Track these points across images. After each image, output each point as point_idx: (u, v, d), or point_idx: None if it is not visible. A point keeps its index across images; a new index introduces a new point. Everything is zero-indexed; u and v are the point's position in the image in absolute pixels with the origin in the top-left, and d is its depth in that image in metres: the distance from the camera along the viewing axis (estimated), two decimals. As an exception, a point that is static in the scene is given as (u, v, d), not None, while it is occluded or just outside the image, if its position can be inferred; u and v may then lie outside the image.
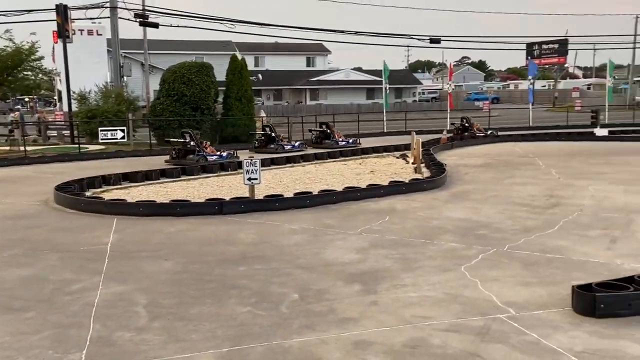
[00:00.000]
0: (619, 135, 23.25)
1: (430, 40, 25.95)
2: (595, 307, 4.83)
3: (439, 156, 16.86)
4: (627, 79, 57.10)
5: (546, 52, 54.10)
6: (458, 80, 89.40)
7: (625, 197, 10.20)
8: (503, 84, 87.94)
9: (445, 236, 7.81)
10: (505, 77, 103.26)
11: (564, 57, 55.48)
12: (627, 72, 57.93)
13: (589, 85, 68.57)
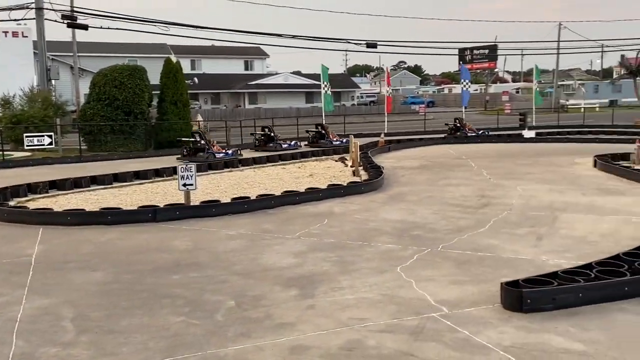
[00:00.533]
0: (545, 136, 24.39)
1: (367, 45, 26.35)
2: (522, 303, 5.02)
3: (377, 159, 17.12)
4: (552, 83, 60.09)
5: (477, 57, 56.14)
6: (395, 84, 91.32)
7: (550, 196, 10.69)
8: (438, 88, 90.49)
9: (382, 238, 7.91)
10: (440, 82, 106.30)
11: (494, 62, 57.75)
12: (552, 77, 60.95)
13: (517, 89, 71.66)
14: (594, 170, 14.04)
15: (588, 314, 4.97)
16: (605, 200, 10.16)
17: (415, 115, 43.24)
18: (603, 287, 5.22)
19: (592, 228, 8.17)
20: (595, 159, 14.55)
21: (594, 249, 7.02)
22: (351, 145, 14.73)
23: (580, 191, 11.10)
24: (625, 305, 5.12)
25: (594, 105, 53.31)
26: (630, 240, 7.30)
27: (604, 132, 25.35)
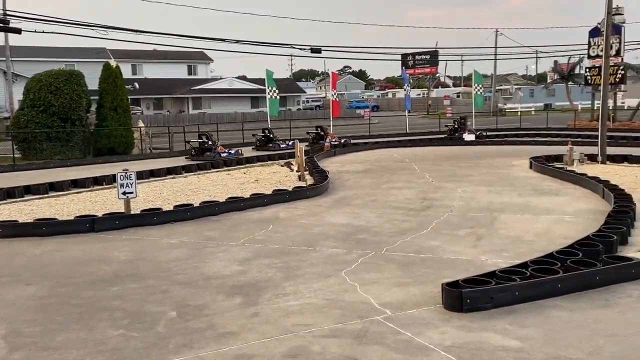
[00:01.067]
0: (484, 139, 25.18)
1: (311, 50, 26.34)
2: (462, 303, 5.14)
3: (323, 163, 17.20)
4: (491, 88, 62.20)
5: (419, 62, 57.38)
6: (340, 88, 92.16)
7: (489, 197, 11.04)
8: (382, 93, 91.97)
9: (327, 242, 7.94)
10: (384, 86, 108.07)
11: (435, 67, 59.19)
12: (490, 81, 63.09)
13: (458, 94, 73.84)
14: (530, 171, 14.60)
15: (524, 311, 5.14)
16: (540, 200, 10.58)
17: (361, 120, 43.75)
18: (538, 285, 5.42)
19: (527, 228, 8.48)
20: (531, 161, 15.14)
21: (530, 248, 7.28)
22: (297, 150, 14.73)
23: (517, 192, 11.51)
24: (559, 302, 5.33)
25: (530, 108, 55.54)
26: (562, 238, 7.63)
27: (539, 135, 26.44)
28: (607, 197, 10.03)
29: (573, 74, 41.01)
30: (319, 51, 25.76)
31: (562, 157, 15.99)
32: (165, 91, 54.37)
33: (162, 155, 21.15)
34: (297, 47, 23.68)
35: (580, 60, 39.20)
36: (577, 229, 8.23)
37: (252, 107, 55.75)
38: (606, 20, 15.94)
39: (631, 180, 12.45)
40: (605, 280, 5.70)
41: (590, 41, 31.36)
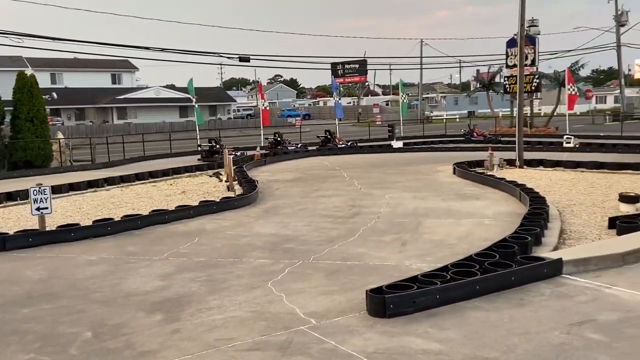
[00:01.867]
0: (412, 146, 25.87)
1: (240, 58, 26.22)
2: (386, 308, 5.20)
3: (253, 172, 17.06)
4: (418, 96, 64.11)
5: (349, 71, 58.26)
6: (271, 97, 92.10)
7: (415, 203, 11.31)
8: (313, 101, 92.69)
9: (254, 253, 7.84)
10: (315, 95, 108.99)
11: (364, 76, 60.31)
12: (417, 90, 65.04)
13: (387, 102, 75.58)
14: (453, 177, 15.10)
15: (445, 313, 5.27)
16: (462, 204, 10.94)
17: (292, 128, 43.86)
18: (457, 287, 5.57)
19: (450, 231, 8.74)
20: (455, 167, 15.67)
21: (452, 251, 7.49)
22: (225, 160, 14.52)
23: (441, 197, 11.86)
24: (478, 303, 5.50)
25: (455, 116, 57.72)
26: (482, 241, 7.90)
27: (463, 142, 27.44)
28: (523, 200, 10.50)
29: (493, 82, 42.89)
30: (248, 60, 25.69)
31: (484, 162, 16.66)
32: (88, 101, 52.31)
33: (83, 167, 20.26)
34: (225, 55, 23.43)
35: (500, 69, 41.12)
36: (495, 231, 8.55)
37: (180, 116, 54.64)
38: (519, 32, 16.80)
39: (546, 184, 13.14)
40: (520, 280, 5.93)
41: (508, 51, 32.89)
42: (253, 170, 18.15)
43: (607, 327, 4.79)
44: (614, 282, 5.92)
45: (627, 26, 48.53)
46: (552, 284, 5.97)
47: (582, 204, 10.58)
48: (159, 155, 23.89)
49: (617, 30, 48.50)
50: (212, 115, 58.10)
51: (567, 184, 13.04)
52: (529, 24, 42.54)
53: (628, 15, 48.37)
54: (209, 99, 58.20)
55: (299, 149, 23.79)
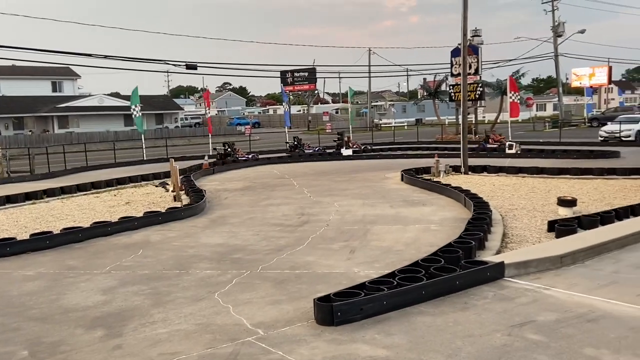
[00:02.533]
0: (361, 154, 26.13)
1: (187, 66, 25.80)
2: (333, 316, 5.19)
3: (200, 182, 16.80)
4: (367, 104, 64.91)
5: (298, 79, 58.45)
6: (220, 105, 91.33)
7: (364, 210, 11.40)
8: (263, 109, 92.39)
9: (201, 264, 7.69)
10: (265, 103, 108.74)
11: (313, 84, 60.62)
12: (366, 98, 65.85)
13: (337, 110, 76.16)
14: (401, 183, 15.33)
15: (392, 319, 5.30)
16: (409, 211, 11.11)
17: (242, 136, 43.55)
18: (404, 293, 5.63)
19: (398, 238, 8.84)
20: (402, 174, 15.92)
21: (399, 257, 7.58)
22: (171, 169, 14.23)
23: (389, 204, 12.00)
24: (424, 308, 5.57)
25: (403, 124, 58.76)
26: (429, 246, 8.03)
27: (411, 149, 27.95)
28: (468, 206, 10.76)
29: (439, 90, 43.98)
30: (195, 67, 25.30)
31: (430, 169, 17.00)
32: (27, 109, 50.30)
33: (22, 179, 19.42)
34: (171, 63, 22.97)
35: (445, 78, 42.21)
36: (441, 236, 8.72)
37: (125, 125, 53.28)
38: (462, 42, 17.28)
39: (489, 189, 13.52)
40: (465, 284, 6.06)
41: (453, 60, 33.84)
42: (201, 179, 17.88)
43: (546, 327, 4.94)
44: (552, 283, 6.13)
45: (564, 37, 50.88)
46: (495, 286, 6.12)
47: (523, 208, 10.93)
48: (103, 165, 23.22)
49: (555, 40, 50.73)
50: (159, 124, 56.99)
51: (509, 189, 13.46)
52: (473, 34, 43.98)
53: (564, 27, 50.72)
54: (155, 107, 57.11)
55: (316, 151, 26.15)
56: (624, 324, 4.94)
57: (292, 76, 57.77)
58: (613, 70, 58.49)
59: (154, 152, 28.49)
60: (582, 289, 5.92)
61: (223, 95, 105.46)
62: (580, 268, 6.74)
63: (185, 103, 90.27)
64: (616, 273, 6.48)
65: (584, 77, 56.75)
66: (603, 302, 5.52)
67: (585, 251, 7.10)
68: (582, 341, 4.63)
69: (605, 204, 10.87)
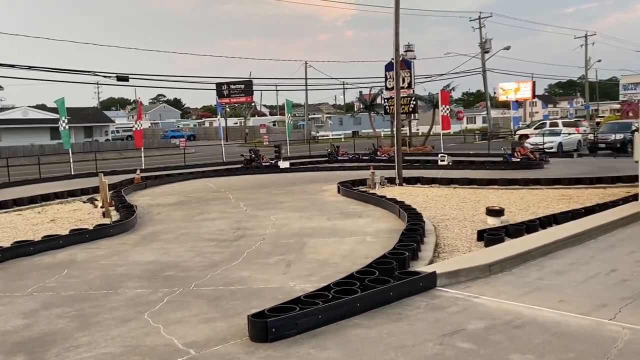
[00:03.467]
0: (299, 166, 26.19)
1: (118, 77, 25.12)
2: (268, 333, 5.11)
3: (132, 197, 16.27)
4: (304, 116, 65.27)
5: (234, 91, 58.06)
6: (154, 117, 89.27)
7: (300, 223, 11.38)
8: (199, 122, 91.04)
9: (130, 283, 7.41)
10: (201, 115, 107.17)
11: (250, 96, 60.40)
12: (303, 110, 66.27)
13: (274, 122, 76.16)
14: (338, 196, 15.44)
15: (327, 333, 5.29)
16: (345, 223, 11.19)
17: (176, 149, 42.67)
18: (338, 306, 5.63)
19: (334, 250, 8.87)
20: (339, 186, 16.04)
21: (335, 270, 7.59)
22: (100, 184, 13.70)
23: (326, 216, 12.05)
24: (358, 320, 5.59)
25: (340, 136, 59.46)
26: (364, 258, 8.10)
27: (348, 160, 28.24)
28: (402, 217, 10.96)
29: (375, 103, 44.83)
30: (126, 79, 24.70)
31: (366, 180, 17.24)
32: (-56, 122, 47.31)
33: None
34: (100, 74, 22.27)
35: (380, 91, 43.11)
36: (376, 248, 8.82)
37: (52, 138, 50.98)
38: (395, 57, 17.71)
39: (423, 200, 13.85)
40: (398, 294, 6.14)
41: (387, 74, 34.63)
42: (133, 194, 17.33)
43: (476, 335, 5.07)
44: (481, 291, 6.32)
45: (491, 52, 53.24)
46: (428, 296, 6.24)
47: (454, 218, 11.25)
48: (27, 180, 22.08)
49: (482, 56, 52.99)
50: (88, 137, 54.97)
51: (441, 200, 13.84)
52: (406, 49, 45.29)
53: (491, 43, 53.10)
54: (85, 119, 55.10)
55: (350, 159, 27.66)
56: (547, 330, 5.15)
57: (228, 88, 57.34)
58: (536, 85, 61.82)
59: (83, 167, 27.41)
60: (509, 296, 6.14)
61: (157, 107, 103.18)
62: (508, 276, 6.99)
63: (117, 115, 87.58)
64: (540, 280, 6.77)
65: (510, 91, 59.56)
66: (528, 308, 5.74)
67: (512, 259, 7.38)
68: (509, 347, 4.78)
69: (530, 213, 11.36)
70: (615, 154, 25.54)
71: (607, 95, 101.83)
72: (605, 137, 28.32)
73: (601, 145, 27.94)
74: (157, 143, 53.10)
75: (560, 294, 6.15)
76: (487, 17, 52.82)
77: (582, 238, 8.70)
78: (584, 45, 64.89)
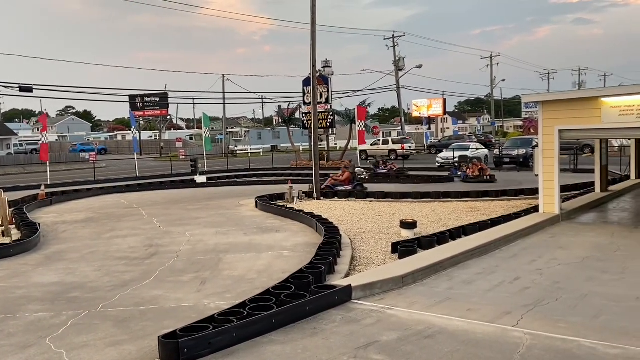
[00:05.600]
0: (216, 181, 25.73)
1: (20, 88, 23.64)
2: (180, 354, 4.93)
3: (35, 214, 15.30)
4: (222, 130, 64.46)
5: (149, 104, 56.39)
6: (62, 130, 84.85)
7: (217, 239, 11.16)
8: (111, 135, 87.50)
9: (31, 306, 6.93)
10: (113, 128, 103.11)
11: (165, 109, 58.88)
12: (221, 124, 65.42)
13: (191, 136, 74.56)
14: (256, 210, 15.30)
15: (241, 351, 5.18)
16: (262, 238, 11.10)
17: (86, 164, 40.71)
18: (253, 323, 5.54)
19: (250, 266, 8.76)
20: (257, 200, 15.91)
21: (251, 286, 7.49)
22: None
23: (243, 231, 11.89)
24: (274, 336, 5.53)
25: (259, 150, 59.16)
26: (281, 273, 8.06)
27: (266, 175, 28.13)
28: (319, 231, 11.03)
29: (293, 118, 45.11)
30: (30, 90, 23.32)
31: (284, 195, 17.23)
32: None
33: None
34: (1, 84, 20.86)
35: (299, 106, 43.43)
36: (294, 262, 8.80)
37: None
38: (312, 73, 17.94)
39: (340, 214, 14.02)
40: (315, 309, 6.14)
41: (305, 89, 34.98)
42: (36, 211, 16.29)
43: (389, 346, 5.16)
44: (395, 303, 6.46)
45: (405, 70, 55.26)
46: (343, 309, 6.29)
47: (370, 231, 11.48)
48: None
49: (397, 73, 54.88)
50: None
51: (358, 213, 14.08)
52: (323, 64, 46.03)
53: (404, 61, 55.14)
54: (-15, 131, 51.37)
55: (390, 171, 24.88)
56: (456, 338, 5.34)
57: (143, 101, 55.63)
58: (447, 102, 64.82)
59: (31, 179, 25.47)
60: (421, 306, 6.31)
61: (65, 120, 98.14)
62: (420, 287, 7.20)
63: (21, 128, 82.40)
64: (450, 289, 7.02)
65: (423, 108, 62.08)
66: (439, 318, 5.93)
67: (424, 270, 7.61)
68: (420, 357, 4.90)
69: (441, 225, 11.81)
70: (518, 168, 27.18)
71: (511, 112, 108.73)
72: (509, 152, 30.11)
73: (506, 160, 29.65)
74: (64, 157, 50.44)
75: (468, 303, 6.40)
76: (401, 37, 54.83)
77: (489, 248, 9.14)
78: (490, 65, 68.87)
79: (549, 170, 11.72)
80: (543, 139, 11.79)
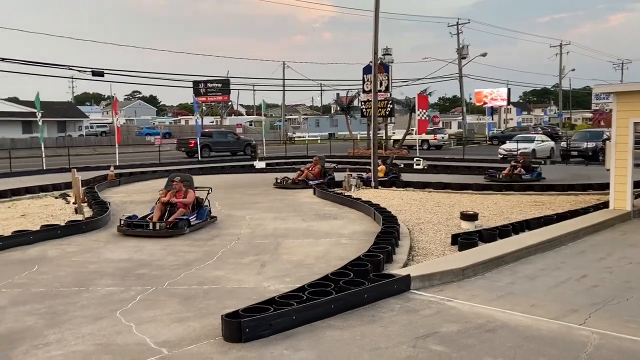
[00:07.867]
0: (274, 167, 26.09)
1: (93, 72, 24.71)
2: (242, 333, 5.08)
3: (105, 194, 16.02)
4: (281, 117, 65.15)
5: (211, 90, 57.62)
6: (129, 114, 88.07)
7: (275, 223, 11.34)
8: (174, 119, 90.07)
9: (102, 280, 7.30)
10: (177, 113, 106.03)
11: (227, 95, 59.98)
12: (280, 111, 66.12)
13: (251, 122, 75.78)
14: (314, 197, 15.43)
15: (301, 334, 5.28)
16: (320, 224, 11.19)
17: (151, 147, 42.19)
18: (313, 307, 5.63)
19: (308, 251, 8.86)
20: (315, 187, 16.03)
21: (309, 271, 7.59)
22: (73, 180, 13.45)
23: (301, 217, 12.03)
24: (332, 322, 5.60)
25: (316, 137, 59.45)
26: (338, 260, 8.12)
27: (324, 162, 28.21)
28: (377, 219, 11.01)
29: (352, 106, 44.98)
30: (102, 74, 24.33)
31: (342, 182, 17.27)
32: None
33: None
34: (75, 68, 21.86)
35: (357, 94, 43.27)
36: (351, 250, 8.84)
37: (24, 132, 49.93)
38: (373, 60, 17.81)
39: (398, 203, 13.93)
40: (373, 297, 6.17)
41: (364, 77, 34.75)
42: (106, 191, 17.06)
43: (448, 338, 5.12)
44: (454, 295, 6.39)
45: (468, 59, 53.91)
46: (402, 299, 6.29)
47: (429, 222, 11.35)
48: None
49: (459, 62, 53.59)
50: (62, 132, 53.94)
51: (416, 204, 13.94)
52: (384, 52, 45.57)
53: (468, 49, 53.76)
54: (58, 114, 54.02)
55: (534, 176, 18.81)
56: (518, 334, 5.23)
57: (205, 87, 56.89)
58: (512, 92, 62.83)
59: (55, 162, 26.88)
60: (481, 300, 6.22)
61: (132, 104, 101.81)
62: (480, 280, 7.08)
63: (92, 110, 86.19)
64: (512, 284, 6.87)
65: (486, 98, 60.37)
66: (501, 312, 5.82)
67: (485, 263, 7.48)
68: (481, 351, 4.84)
69: (503, 218, 11.53)
70: (586, 162, 26.08)
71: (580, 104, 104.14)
72: (577, 145, 28.92)
73: (573, 153, 28.51)
74: (132, 140, 52.39)
75: (532, 299, 6.25)
76: (465, 24, 53.46)
77: (554, 244, 8.87)
78: (559, 54, 66.22)
79: (622, 165, 11.20)
80: (617, 131, 11.26)
